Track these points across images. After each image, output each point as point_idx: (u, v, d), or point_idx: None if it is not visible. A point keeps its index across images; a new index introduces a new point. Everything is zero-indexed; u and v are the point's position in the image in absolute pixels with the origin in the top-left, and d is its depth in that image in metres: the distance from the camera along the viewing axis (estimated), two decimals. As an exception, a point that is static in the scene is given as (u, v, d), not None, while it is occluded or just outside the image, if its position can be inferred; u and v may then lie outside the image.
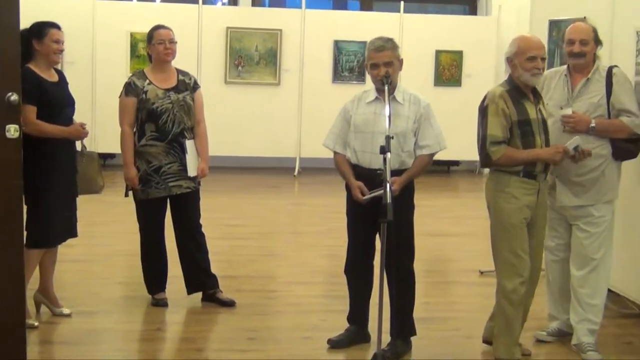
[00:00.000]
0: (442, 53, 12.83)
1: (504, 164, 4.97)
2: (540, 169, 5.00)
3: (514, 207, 4.95)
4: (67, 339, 5.48)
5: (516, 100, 4.97)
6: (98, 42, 12.01)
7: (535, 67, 4.92)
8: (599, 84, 5.33)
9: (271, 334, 5.77)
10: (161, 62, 6.08)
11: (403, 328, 5.34)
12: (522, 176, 4.96)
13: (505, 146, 4.94)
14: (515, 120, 4.93)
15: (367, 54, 5.29)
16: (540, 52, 4.97)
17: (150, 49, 6.10)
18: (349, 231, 5.46)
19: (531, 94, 5.05)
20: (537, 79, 5.01)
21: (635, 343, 5.73)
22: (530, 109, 4.98)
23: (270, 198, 11.07)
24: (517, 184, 4.96)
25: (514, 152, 4.94)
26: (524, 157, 4.93)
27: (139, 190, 6.00)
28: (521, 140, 4.94)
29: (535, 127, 4.97)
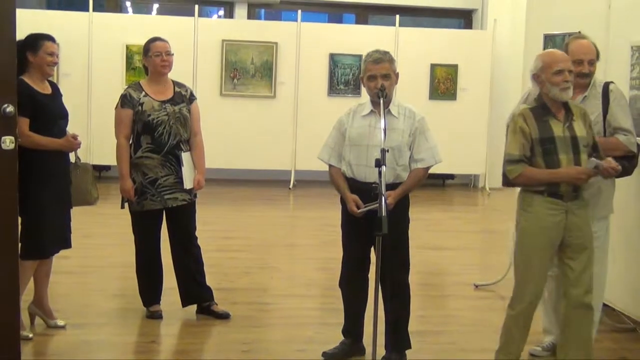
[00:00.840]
0: (437, 67, 12.86)
1: (524, 183, 4.87)
2: (567, 189, 4.79)
3: (533, 228, 4.83)
4: (62, 351, 5.47)
5: (539, 118, 4.82)
6: (94, 54, 12.01)
7: (564, 81, 4.76)
8: (595, 100, 5.34)
9: (265, 346, 5.76)
10: (157, 74, 6.08)
11: (398, 341, 5.35)
12: (546, 195, 4.80)
13: (523, 165, 4.81)
14: (537, 138, 4.79)
15: (364, 67, 5.29)
16: (567, 64, 4.82)
17: (146, 61, 6.10)
18: (344, 244, 5.46)
19: (561, 111, 4.85)
20: (566, 93, 4.80)
21: (629, 357, 5.73)
22: (555, 126, 4.80)
23: (265, 211, 11.07)
24: (541, 204, 4.81)
25: (533, 171, 4.80)
26: (543, 177, 4.79)
27: (135, 202, 5.99)
28: (543, 158, 4.79)
29: (561, 145, 4.77)
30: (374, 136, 5.13)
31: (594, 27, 6.43)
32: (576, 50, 5.35)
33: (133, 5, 13.86)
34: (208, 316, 6.18)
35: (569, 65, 4.81)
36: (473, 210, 12.50)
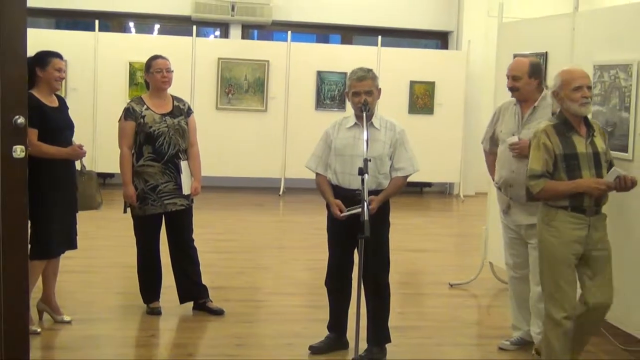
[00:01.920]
0: (415, 84, 12.87)
1: (546, 197, 4.70)
2: (589, 203, 4.62)
3: (558, 242, 4.66)
4: (68, 345, 5.46)
5: (562, 134, 4.67)
6: (99, 70, 11.98)
7: (583, 96, 4.61)
8: (545, 111, 5.36)
9: (257, 340, 5.76)
10: (158, 89, 6.08)
11: (379, 336, 5.35)
12: (570, 210, 4.63)
13: (545, 180, 4.65)
14: (560, 154, 4.64)
15: (349, 83, 5.31)
16: (585, 81, 4.68)
17: (148, 76, 6.11)
18: (330, 246, 5.46)
19: (583, 128, 4.71)
20: (586, 108, 4.65)
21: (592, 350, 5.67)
22: (578, 142, 4.66)
23: (257, 215, 11.06)
24: (564, 218, 4.65)
25: (555, 184, 4.64)
26: (563, 189, 4.62)
27: (137, 207, 5.99)
28: (566, 174, 4.63)
29: (584, 161, 4.63)
30: (357, 147, 5.14)
31: (559, 47, 6.47)
32: (509, 67, 5.57)
33: (136, 26, 13.81)
34: (203, 312, 6.18)
35: (587, 81, 4.68)
36: (448, 215, 12.51)
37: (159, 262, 6.20)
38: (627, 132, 5.54)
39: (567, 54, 6.33)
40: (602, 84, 5.86)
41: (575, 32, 6.28)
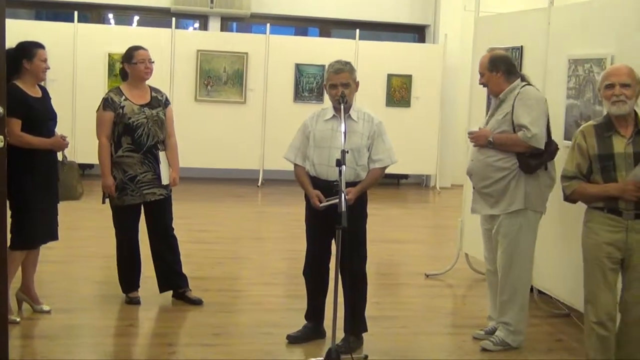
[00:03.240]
0: (393, 77, 12.89)
1: (578, 199, 4.55)
2: (626, 205, 4.36)
3: (592, 243, 4.50)
4: (47, 334, 5.43)
5: (601, 134, 4.45)
6: (78, 61, 11.90)
7: (614, 95, 4.36)
8: (509, 102, 5.37)
9: (235, 330, 5.76)
10: (139, 80, 6.06)
11: (356, 325, 5.37)
12: (606, 212, 4.42)
13: (577, 181, 4.50)
14: (595, 155, 4.43)
15: (327, 76, 5.31)
16: (620, 78, 4.38)
17: (128, 67, 6.06)
18: (308, 237, 5.47)
19: (628, 127, 4.43)
20: (617, 107, 4.37)
21: (564, 340, 5.80)
22: (617, 143, 4.40)
23: (235, 206, 11.05)
24: (600, 220, 4.46)
25: (586, 186, 4.47)
26: (594, 192, 4.44)
27: (116, 198, 5.96)
28: (601, 175, 4.42)
29: (620, 162, 4.37)
30: (335, 138, 5.14)
31: (534, 41, 6.50)
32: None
33: (115, 17, 13.73)
34: (182, 302, 6.17)
35: (622, 79, 4.38)
36: (424, 207, 12.55)
37: (138, 252, 6.18)
38: (600, 125, 5.58)
39: (543, 48, 6.36)
40: (577, 77, 5.90)
41: (551, 26, 6.31)
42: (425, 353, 5.50)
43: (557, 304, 6.31)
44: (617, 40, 5.50)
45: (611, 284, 4.45)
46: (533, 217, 5.45)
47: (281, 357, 5.12)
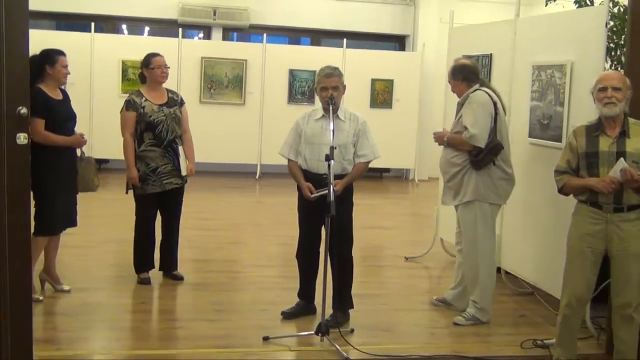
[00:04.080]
0: (376, 81, 12.88)
1: (567, 191, 4.44)
2: (605, 200, 4.26)
3: (575, 233, 4.43)
4: (67, 311, 5.42)
5: (590, 134, 4.35)
6: (95, 67, 11.86)
7: (605, 97, 4.25)
8: (468, 104, 5.42)
9: (235, 307, 5.75)
10: (157, 83, 6.09)
11: (343, 302, 5.37)
12: (589, 205, 4.33)
13: (567, 176, 4.40)
14: (583, 153, 4.34)
15: (318, 79, 5.31)
16: (611, 82, 4.29)
17: (147, 71, 6.09)
18: (300, 224, 5.47)
19: (615, 129, 4.31)
20: (608, 108, 4.26)
21: (528, 315, 5.81)
22: (603, 142, 4.29)
23: (236, 197, 11.04)
24: (583, 212, 4.37)
25: (571, 180, 4.38)
26: (577, 184, 4.35)
27: (139, 187, 5.99)
28: (587, 171, 4.32)
29: (603, 159, 4.27)
30: (324, 136, 5.14)
31: (502, 49, 6.50)
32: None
33: (128, 28, 13.66)
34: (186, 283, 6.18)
35: (614, 83, 4.28)
36: (404, 197, 12.55)
37: (154, 237, 6.18)
38: (561, 124, 5.60)
39: (509, 55, 6.37)
40: (540, 82, 5.90)
41: (517, 36, 6.32)
42: (405, 327, 5.52)
43: (522, 283, 6.32)
44: (575, 48, 5.51)
45: (588, 274, 4.37)
46: (487, 208, 5.46)
47: (276, 331, 5.11)
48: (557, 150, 5.61)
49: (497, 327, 5.53)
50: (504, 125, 5.46)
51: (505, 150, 5.42)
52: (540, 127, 5.88)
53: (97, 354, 4.69)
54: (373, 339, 5.12)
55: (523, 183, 6.12)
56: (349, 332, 5.18)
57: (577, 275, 4.39)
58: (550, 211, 5.75)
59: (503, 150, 5.38)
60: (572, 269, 4.42)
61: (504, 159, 5.43)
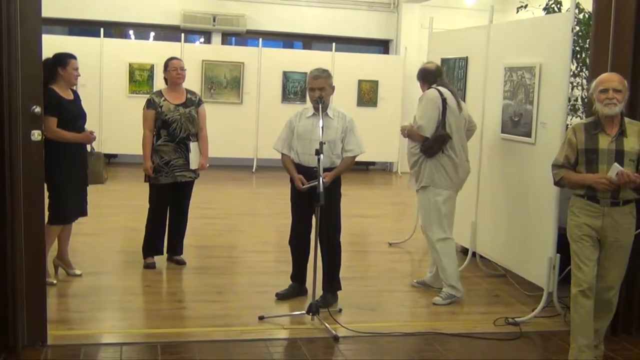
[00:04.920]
0: (362, 82, 12.86)
1: (565, 184, 4.34)
2: (603, 195, 4.16)
3: (574, 224, 4.29)
4: (79, 293, 5.41)
5: (589, 132, 4.22)
6: (104, 69, 11.79)
7: (607, 98, 4.12)
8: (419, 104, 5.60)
9: (233, 288, 5.75)
10: (174, 84, 6.12)
11: (332, 284, 5.38)
12: (586, 199, 4.21)
13: (565, 170, 4.27)
14: (582, 149, 4.20)
15: (307, 81, 5.32)
16: (612, 84, 4.16)
17: (166, 74, 6.13)
18: (292, 213, 5.47)
19: (613, 128, 4.19)
20: (609, 108, 4.13)
21: (501, 295, 5.83)
22: (603, 139, 4.18)
23: (234, 188, 11.02)
24: (580, 205, 4.25)
25: (570, 174, 4.25)
26: (576, 179, 4.23)
27: (153, 178, 5.99)
28: (585, 166, 4.19)
29: (603, 156, 4.15)
30: (315, 132, 5.13)
31: (477, 52, 6.50)
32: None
33: (135, 33, 13.57)
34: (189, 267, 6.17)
35: (615, 85, 4.15)
36: (388, 188, 12.55)
37: (165, 225, 6.17)
38: (531, 121, 5.60)
39: (484, 58, 6.36)
40: (511, 82, 5.90)
41: (490, 40, 6.31)
42: (388, 306, 5.53)
43: (495, 266, 6.34)
44: (544, 51, 5.51)
45: (593, 259, 4.25)
46: (440, 193, 5.54)
47: (271, 311, 5.11)
48: (527, 144, 5.64)
49: (472, 306, 5.55)
50: (453, 119, 5.53)
51: (454, 141, 5.51)
52: (511, 123, 5.89)
53: (107, 333, 4.69)
54: (359, 317, 5.13)
55: (496, 174, 6.13)
56: (337, 312, 5.18)
57: (585, 262, 4.23)
58: (520, 200, 5.77)
59: (451, 140, 5.48)
60: (578, 257, 4.26)
61: (452, 148, 5.52)
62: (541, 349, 4.75)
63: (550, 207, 5.28)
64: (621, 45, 4.71)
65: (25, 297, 4.20)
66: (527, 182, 5.66)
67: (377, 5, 13.68)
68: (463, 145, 5.63)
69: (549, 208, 5.29)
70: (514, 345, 4.76)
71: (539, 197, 5.46)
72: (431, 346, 4.66)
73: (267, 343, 4.56)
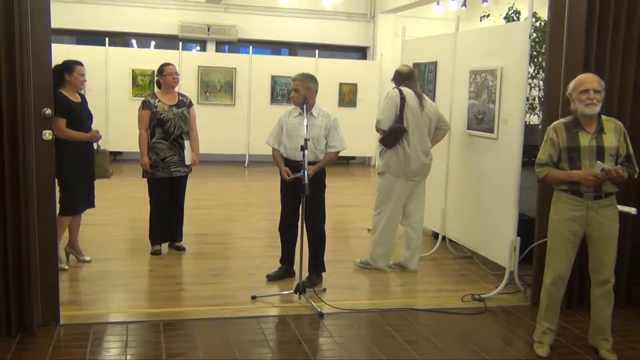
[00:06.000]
0: (343, 85, 12.85)
1: (549, 182, 4.14)
2: (586, 189, 4.00)
3: (558, 219, 4.10)
4: (88, 277, 5.38)
5: (570, 130, 4.05)
6: (109, 75, 11.70)
7: (588, 98, 3.96)
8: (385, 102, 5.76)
9: (228, 272, 5.74)
10: (169, 88, 6.07)
11: (317, 266, 5.39)
12: (570, 194, 4.04)
13: (548, 168, 4.09)
14: (564, 147, 4.04)
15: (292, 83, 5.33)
16: (593, 85, 3.99)
17: (160, 78, 6.07)
18: (282, 202, 5.45)
19: (592, 126, 4.04)
20: (590, 108, 3.97)
21: (467, 275, 5.85)
22: (583, 138, 4.01)
23: (228, 181, 10.97)
24: (565, 200, 4.07)
25: (555, 172, 4.07)
26: (562, 177, 4.04)
27: (150, 173, 5.96)
28: (568, 164, 4.02)
29: (585, 154, 3.99)
30: (301, 130, 5.12)
31: (445, 57, 6.51)
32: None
33: (137, 42, 13.47)
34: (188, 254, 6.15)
35: (595, 85, 4.00)
36: (367, 180, 12.53)
37: (166, 215, 6.12)
38: (493, 119, 5.62)
39: (451, 62, 6.37)
40: (476, 84, 5.92)
41: (457, 46, 6.32)
42: (367, 286, 5.54)
43: (462, 249, 6.36)
44: (504, 56, 5.52)
45: (569, 254, 4.11)
46: (392, 179, 5.71)
47: (262, 291, 5.11)
48: (490, 140, 5.66)
49: (442, 284, 5.57)
50: (411, 116, 5.62)
51: (409, 135, 5.61)
52: (476, 121, 5.91)
53: (114, 313, 4.66)
54: (342, 296, 5.13)
55: (463, 167, 6.15)
56: (322, 291, 5.19)
57: (560, 256, 4.11)
58: (485, 189, 5.79)
59: (406, 133, 5.59)
60: (555, 251, 4.14)
61: (408, 141, 5.63)
62: (504, 322, 4.78)
63: (511, 195, 5.30)
64: (573, 49, 4.73)
65: (40, 281, 4.18)
66: (491, 173, 5.68)
67: (355, 15, 13.67)
68: (421, 140, 5.69)
69: (510, 196, 5.31)
70: (480, 319, 4.78)
71: (501, 186, 5.48)
72: (406, 321, 4.67)
73: (258, 320, 4.56)
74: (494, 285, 5.41)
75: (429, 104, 5.79)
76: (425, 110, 5.68)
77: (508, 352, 4.25)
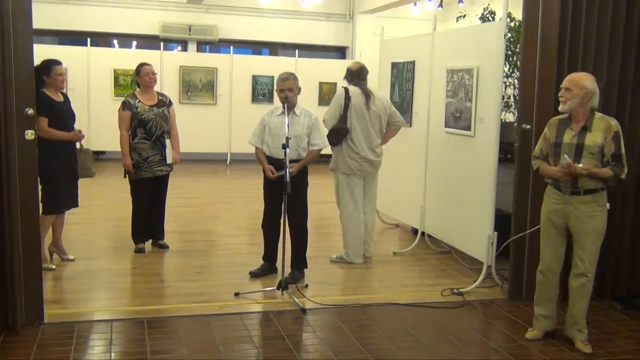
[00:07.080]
0: (323, 84, 12.83)
1: (541, 175, 4.24)
2: (564, 184, 4.05)
3: (543, 210, 4.22)
4: (72, 276, 5.31)
5: (560, 126, 4.11)
6: (91, 75, 11.56)
7: (560, 96, 4.05)
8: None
9: (212, 269, 5.70)
10: (147, 88, 5.99)
11: (299, 263, 5.38)
12: (553, 188, 4.15)
13: (540, 161, 4.19)
14: (552, 142, 4.12)
15: (276, 83, 5.28)
16: (564, 83, 4.06)
17: (138, 78, 6.00)
18: (264, 200, 5.43)
19: (579, 123, 4.04)
20: (560, 105, 4.05)
21: (446, 269, 5.87)
22: (567, 134, 4.06)
23: (211, 179, 10.91)
24: (549, 193, 4.19)
25: (544, 165, 4.16)
26: (545, 171, 4.15)
27: (133, 173, 5.88)
28: (553, 158, 4.10)
29: (565, 149, 4.03)
30: (284, 128, 5.09)
31: (423, 56, 6.52)
32: None
33: (118, 42, 13.34)
34: (172, 251, 6.10)
35: (565, 84, 4.05)
36: (347, 177, 12.56)
37: (148, 214, 6.06)
38: (470, 117, 5.64)
39: (429, 61, 6.38)
40: (453, 82, 5.93)
41: (434, 46, 6.33)
42: (349, 282, 5.53)
43: (441, 244, 6.38)
44: (480, 55, 5.55)
45: (554, 244, 4.17)
46: (343, 177, 5.85)
47: (245, 287, 5.08)
48: (467, 137, 5.68)
49: (421, 279, 5.58)
50: (355, 115, 5.69)
51: (353, 134, 5.70)
52: (453, 119, 5.93)
53: (98, 311, 4.60)
54: (323, 292, 5.12)
55: (441, 164, 6.17)
56: (304, 287, 5.17)
57: (544, 247, 4.22)
58: (462, 186, 5.81)
59: (349, 133, 5.69)
60: (541, 241, 4.24)
61: (353, 140, 5.72)
62: (482, 315, 4.80)
63: (488, 191, 5.33)
64: (547, 49, 4.76)
65: (23, 280, 4.12)
66: (468, 169, 5.70)
67: (334, 16, 13.66)
68: (367, 138, 5.75)
69: (487, 192, 5.34)
70: (458, 312, 4.80)
71: (478, 183, 5.51)
72: (387, 315, 4.68)
73: (242, 316, 4.53)
74: (472, 279, 5.44)
75: (378, 101, 5.81)
76: (372, 108, 5.72)
77: (486, 344, 4.28)
